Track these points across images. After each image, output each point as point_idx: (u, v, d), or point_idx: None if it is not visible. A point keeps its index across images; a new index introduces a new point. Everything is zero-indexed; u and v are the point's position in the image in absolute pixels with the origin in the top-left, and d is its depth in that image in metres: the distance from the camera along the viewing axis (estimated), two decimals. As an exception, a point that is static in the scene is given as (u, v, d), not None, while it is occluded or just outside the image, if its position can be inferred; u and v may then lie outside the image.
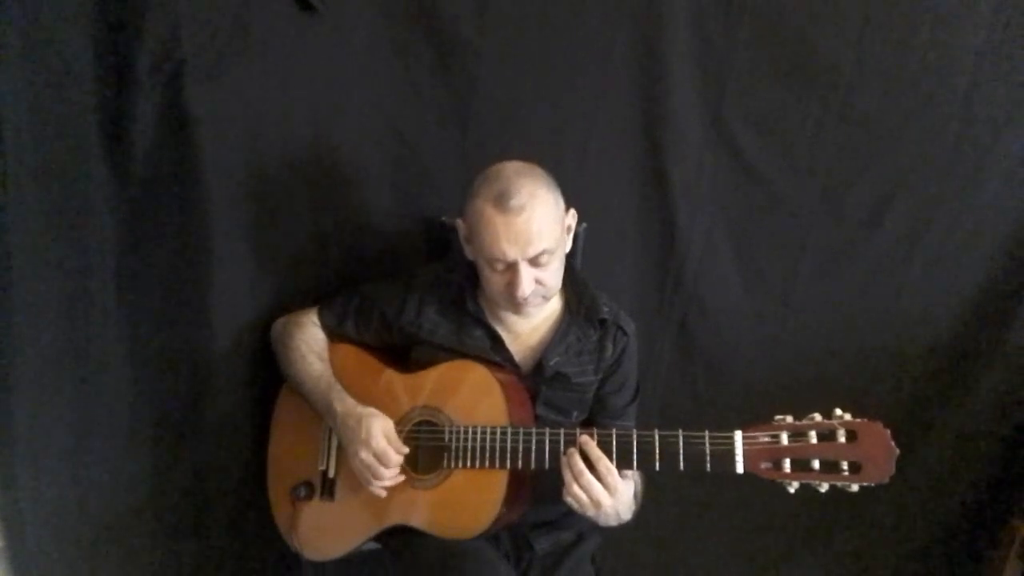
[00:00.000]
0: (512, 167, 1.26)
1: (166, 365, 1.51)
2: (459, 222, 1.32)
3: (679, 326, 1.82)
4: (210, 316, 1.49)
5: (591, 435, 1.20)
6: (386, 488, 1.30)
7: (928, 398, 1.87)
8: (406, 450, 1.30)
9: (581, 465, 1.18)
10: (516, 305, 1.29)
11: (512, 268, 1.24)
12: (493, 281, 1.28)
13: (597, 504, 1.18)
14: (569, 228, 1.33)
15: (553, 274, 1.28)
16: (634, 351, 1.44)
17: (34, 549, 1.48)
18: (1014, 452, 1.88)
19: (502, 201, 1.20)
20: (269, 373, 1.51)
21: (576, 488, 1.18)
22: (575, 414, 1.42)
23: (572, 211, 1.33)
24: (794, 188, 1.71)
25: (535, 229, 1.20)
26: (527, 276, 1.23)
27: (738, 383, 1.86)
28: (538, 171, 1.27)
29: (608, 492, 1.18)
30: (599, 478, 1.18)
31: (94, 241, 1.39)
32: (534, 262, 1.23)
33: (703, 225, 1.74)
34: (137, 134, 1.34)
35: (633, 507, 1.29)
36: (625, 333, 1.41)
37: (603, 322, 1.39)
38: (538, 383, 1.36)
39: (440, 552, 1.29)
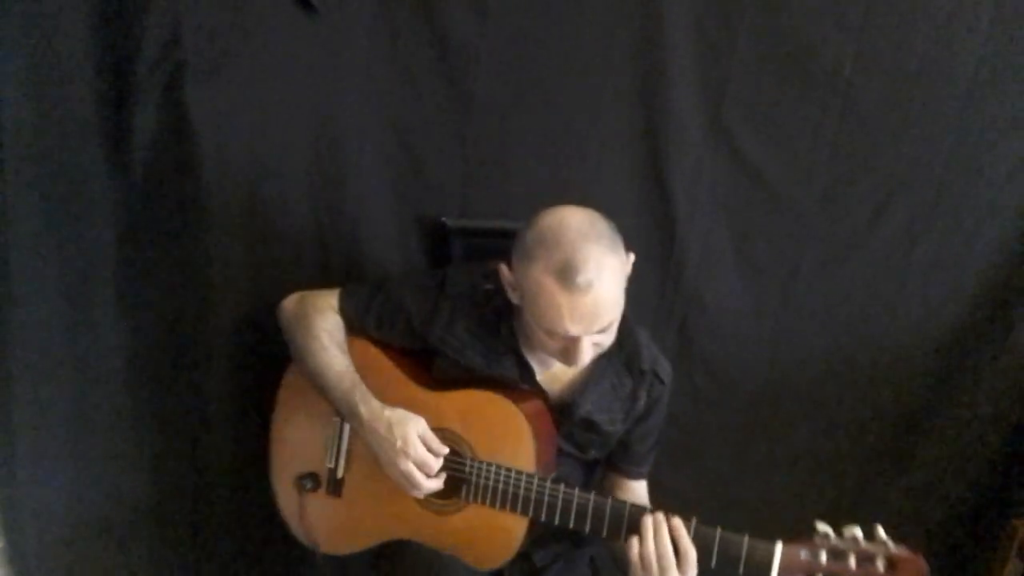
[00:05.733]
0: (574, 227, 1.10)
1: (166, 365, 1.51)
2: (503, 268, 1.19)
3: (679, 326, 1.82)
4: (209, 316, 1.49)
5: (670, 518, 1.14)
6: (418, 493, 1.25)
7: (928, 397, 1.86)
8: (446, 450, 1.24)
9: (668, 546, 1.12)
10: (571, 365, 1.19)
11: (572, 339, 1.13)
12: (546, 344, 1.17)
13: None
14: (627, 274, 1.17)
15: (613, 334, 1.18)
16: (666, 400, 1.37)
17: (34, 549, 1.48)
18: (1014, 452, 1.88)
19: (567, 276, 1.06)
20: (269, 372, 1.50)
21: (655, 568, 1.12)
22: (593, 452, 1.38)
23: (631, 255, 1.19)
24: (794, 188, 1.71)
25: (603, 305, 1.09)
26: (588, 346, 1.13)
27: (738, 383, 1.86)
28: (600, 226, 1.13)
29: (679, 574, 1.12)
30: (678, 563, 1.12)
31: (94, 241, 1.39)
32: (597, 331, 1.13)
33: (703, 225, 1.73)
34: (137, 134, 1.35)
35: None
36: (662, 382, 1.34)
37: (642, 372, 1.31)
38: (563, 420, 1.31)
39: (419, 554, 1.29)
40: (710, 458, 1.91)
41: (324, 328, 1.33)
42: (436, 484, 1.23)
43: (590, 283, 1.07)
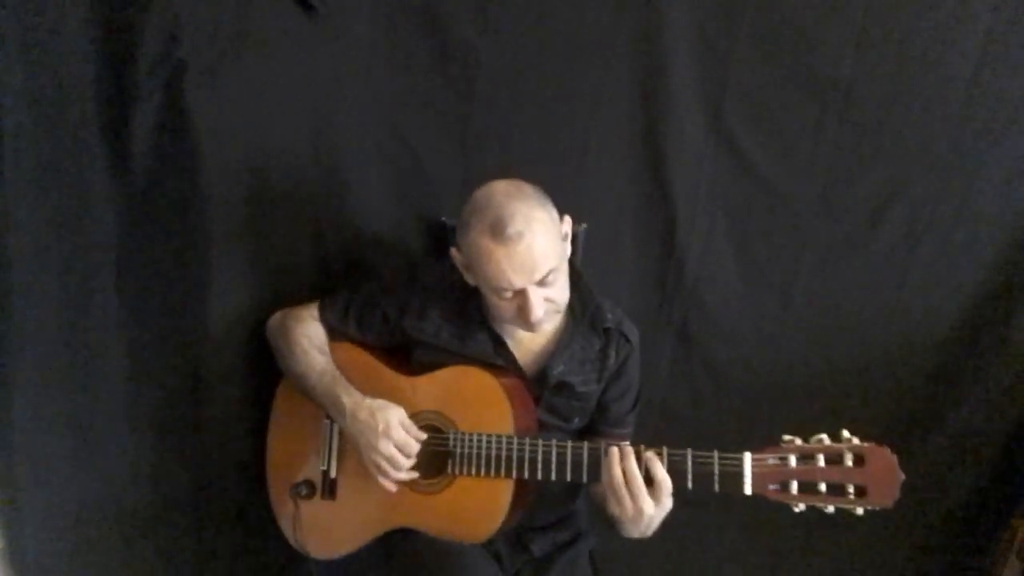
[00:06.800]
0: (499, 191, 1.22)
1: (166, 365, 1.51)
2: (453, 252, 1.29)
3: (679, 326, 1.82)
4: (209, 316, 1.49)
5: (642, 451, 1.18)
6: (395, 484, 1.29)
7: (928, 398, 1.86)
8: (424, 436, 1.29)
9: (635, 470, 1.16)
10: (530, 326, 1.26)
11: (521, 294, 1.20)
12: (502, 308, 1.25)
13: (641, 512, 1.16)
14: (566, 235, 1.28)
15: (561, 289, 1.26)
16: (637, 360, 1.43)
17: (34, 549, 1.48)
18: (1014, 452, 1.88)
19: (498, 230, 1.16)
20: (268, 372, 1.51)
21: (625, 493, 1.16)
22: (576, 420, 1.41)
23: (567, 218, 1.29)
24: (794, 188, 1.71)
25: (538, 252, 1.17)
26: (537, 299, 1.20)
27: (738, 383, 1.86)
28: (526, 188, 1.23)
29: (654, 501, 1.16)
30: (651, 492, 1.16)
31: (94, 241, 1.39)
32: (542, 283, 1.20)
33: (703, 225, 1.74)
34: (137, 134, 1.35)
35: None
36: (628, 341, 1.40)
37: (607, 331, 1.38)
38: (541, 389, 1.36)
39: (425, 549, 1.30)
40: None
41: (304, 334, 1.41)
42: (410, 465, 1.28)
43: (520, 233, 1.16)
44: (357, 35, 1.50)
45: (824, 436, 1.14)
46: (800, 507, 1.14)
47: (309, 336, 1.41)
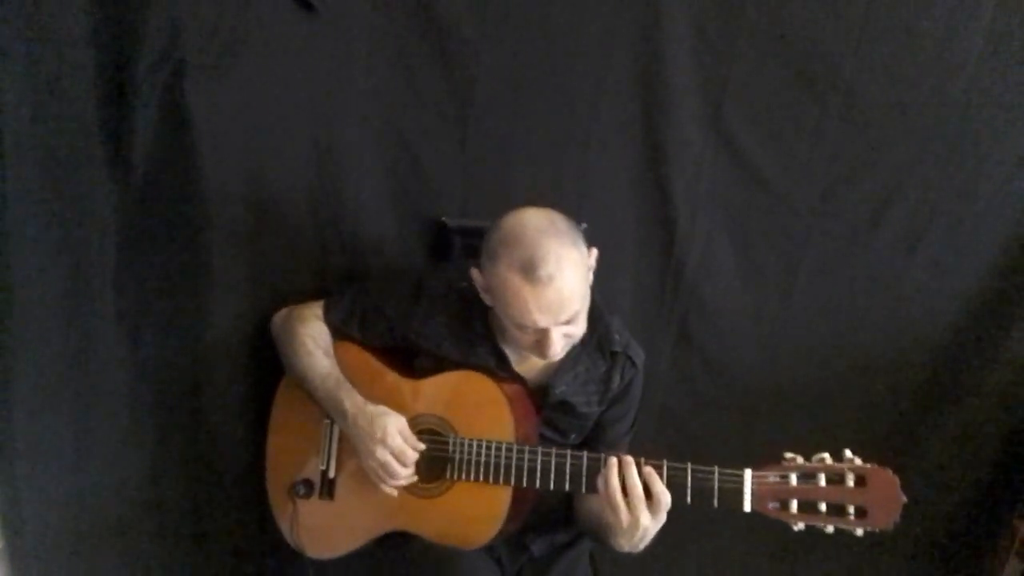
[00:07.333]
0: (532, 224, 1.16)
1: (165, 365, 1.51)
2: (475, 273, 1.25)
3: (679, 326, 1.82)
4: (210, 316, 1.49)
5: (637, 462, 1.17)
6: (396, 489, 1.29)
7: (928, 398, 1.86)
8: (422, 447, 1.29)
9: (636, 480, 1.15)
10: (546, 359, 1.24)
11: (542, 331, 1.18)
12: (520, 339, 1.23)
13: (637, 523, 1.14)
14: (591, 268, 1.24)
15: (582, 324, 1.23)
16: (640, 383, 1.42)
17: (34, 549, 1.48)
18: (1014, 452, 1.88)
19: (529, 271, 1.12)
20: (268, 372, 1.51)
21: (622, 504, 1.15)
22: (573, 436, 1.41)
23: (594, 251, 1.25)
24: (794, 188, 1.71)
25: (567, 295, 1.14)
26: (558, 336, 1.18)
27: (738, 383, 1.86)
28: (559, 223, 1.18)
29: (651, 514, 1.15)
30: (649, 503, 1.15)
31: (94, 241, 1.39)
32: (565, 322, 1.18)
33: (703, 225, 1.73)
34: (137, 134, 1.35)
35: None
36: (634, 364, 1.39)
37: (614, 354, 1.37)
38: (542, 405, 1.35)
39: (423, 550, 1.30)
40: (709, 458, 1.91)
41: (309, 334, 1.40)
42: (408, 472, 1.27)
43: (551, 276, 1.12)
44: (357, 35, 1.50)
45: (826, 455, 1.13)
46: (799, 526, 1.12)
47: (314, 336, 1.40)
